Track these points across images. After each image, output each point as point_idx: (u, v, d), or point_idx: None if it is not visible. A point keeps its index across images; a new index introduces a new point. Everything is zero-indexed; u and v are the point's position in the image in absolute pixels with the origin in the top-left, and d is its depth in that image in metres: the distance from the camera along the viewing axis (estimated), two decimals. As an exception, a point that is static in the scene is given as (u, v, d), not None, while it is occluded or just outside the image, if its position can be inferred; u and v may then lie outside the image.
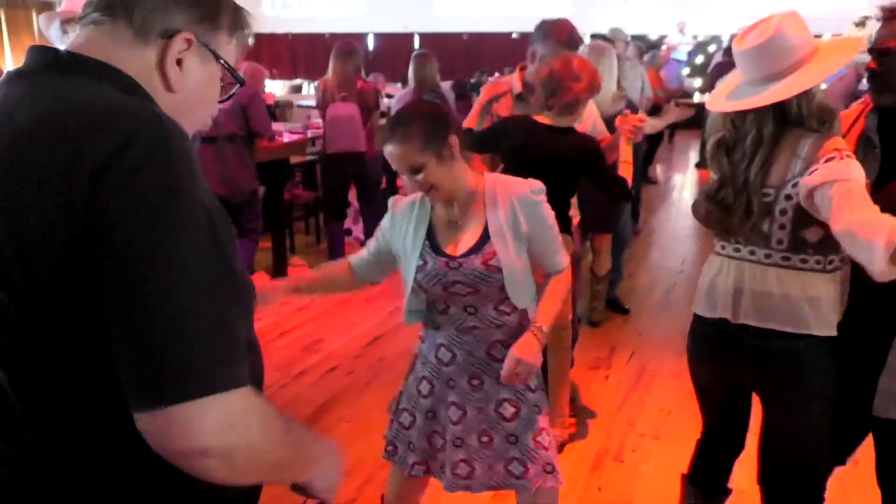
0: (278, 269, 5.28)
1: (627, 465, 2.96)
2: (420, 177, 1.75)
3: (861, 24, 9.46)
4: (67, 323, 0.84)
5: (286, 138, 5.46)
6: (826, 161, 1.61)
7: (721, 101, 1.78)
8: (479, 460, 1.90)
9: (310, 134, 5.84)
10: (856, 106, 1.94)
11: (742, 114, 1.73)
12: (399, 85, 9.55)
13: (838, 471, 2.10)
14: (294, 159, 5.79)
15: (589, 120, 2.97)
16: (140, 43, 0.95)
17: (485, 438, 1.90)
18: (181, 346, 0.80)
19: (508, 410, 1.88)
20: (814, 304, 1.71)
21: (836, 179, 1.56)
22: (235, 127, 4.35)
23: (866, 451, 2.06)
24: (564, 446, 3.02)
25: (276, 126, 5.30)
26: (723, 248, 1.88)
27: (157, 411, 0.80)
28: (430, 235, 1.87)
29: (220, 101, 1.08)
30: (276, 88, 12.50)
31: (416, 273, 1.85)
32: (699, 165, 9.59)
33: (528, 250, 1.87)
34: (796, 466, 1.91)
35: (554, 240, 1.90)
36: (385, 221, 1.96)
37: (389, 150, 1.75)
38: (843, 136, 1.81)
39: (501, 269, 1.79)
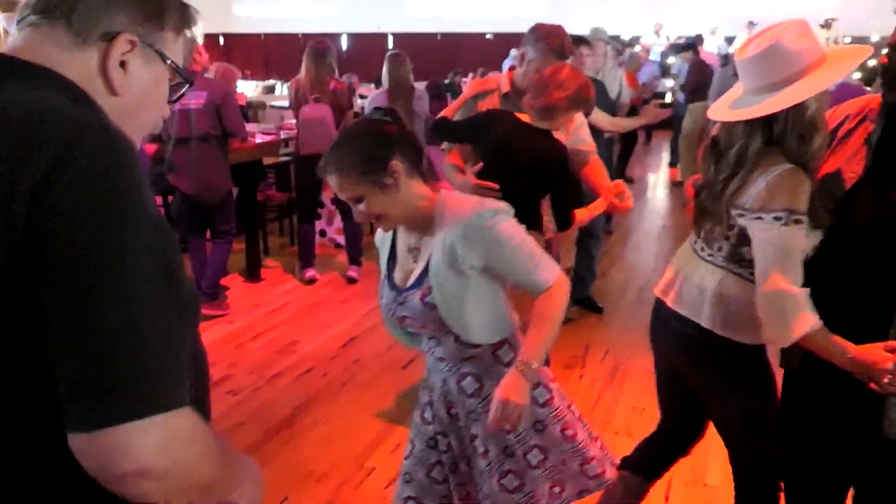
0: (252, 272, 5.24)
1: (602, 463, 2.97)
2: (362, 206, 1.64)
3: (826, 25, 9.63)
4: (3, 341, 0.81)
5: (259, 139, 5.42)
6: (774, 218, 1.62)
7: (723, 110, 1.77)
8: (471, 484, 1.85)
9: (283, 135, 5.80)
10: (861, 100, 1.84)
11: (736, 124, 1.73)
12: (373, 85, 9.54)
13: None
14: (267, 160, 5.75)
15: (572, 125, 2.99)
16: (80, 46, 0.92)
17: (470, 465, 1.83)
18: (125, 362, 0.78)
19: (479, 448, 1.77)
20: (724, 304, 1.78)
21: (775, 244, 1.62)
22: (209, 126, 4.32)
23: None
24: None
25: (248, 127, 5.26)
26: (690, 235, 1.98)
27: (98, 432, 0.77)
28: (391, 265, 1.79)
29: (170, 102, 1.05)
30: (248, 89, 12.41)
31: (381, 306, 1.81)
32: (672, 165, 9.68)
33: (498, 279, 1.71)
34: (739, 462, 2.01)
35: (524, 260, 1.67)
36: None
37: (329, 180, 1.65)
38: (844, 138, 1.79)
39: (437, 307, 1.66)
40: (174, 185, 4.44)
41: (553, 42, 2.87)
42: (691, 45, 9.46)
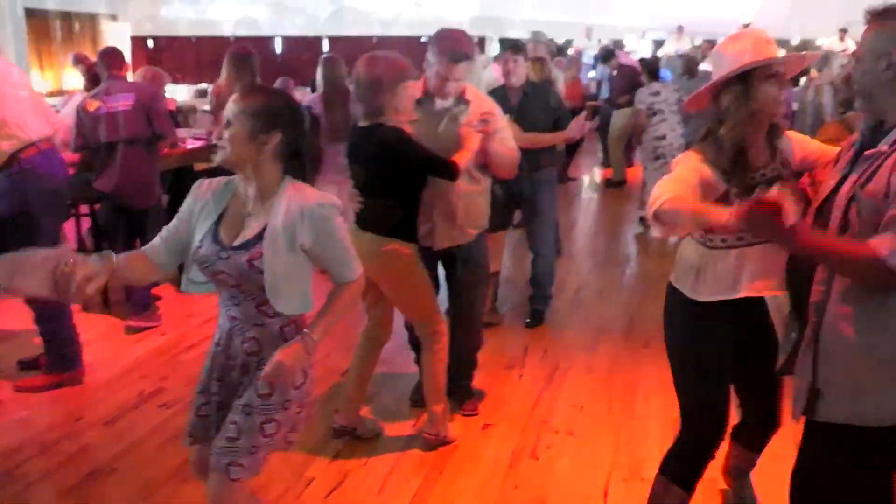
0: (185, 280, 5.10)
1: (542, 463, 3.00)
2: (227, 132, 1.84)
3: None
4: None
5: (190, 145, 5.28)
6: None
7: None
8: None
9: (214, 140, 5.66)
10: None
11: None
12: (308, 89, 9.42)
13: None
14: (199, 166, 5.60)
15: (490, 126, 3.02)
16: None
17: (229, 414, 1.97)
18: None
19: (240, 399, 1.94)
20: (678, 262, 2.21)
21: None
22: (138, 129, 4.21)
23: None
24: (439, 445, 3.07)
25: (179, 132, 5.12)
26: None
27: None
28: (218, 222, 1.93)
29: None
30: (180, 93, 12.10)
31: (194, 254, 1.93)
32: (605, 165, 9.87)
33: (314, 261, 1.91)
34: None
35: (341, 252, 1.92)
36: (185, 204, 1.99)
37: (237, 92, 1.89)
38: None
39: (263, 272, 1.83)
40: (101, 192, 4.30)
41: (445, 45, 2.94)
42: (611, 52, 9.66)
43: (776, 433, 2.38)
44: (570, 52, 11.51)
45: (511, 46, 4.28)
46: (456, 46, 2.94)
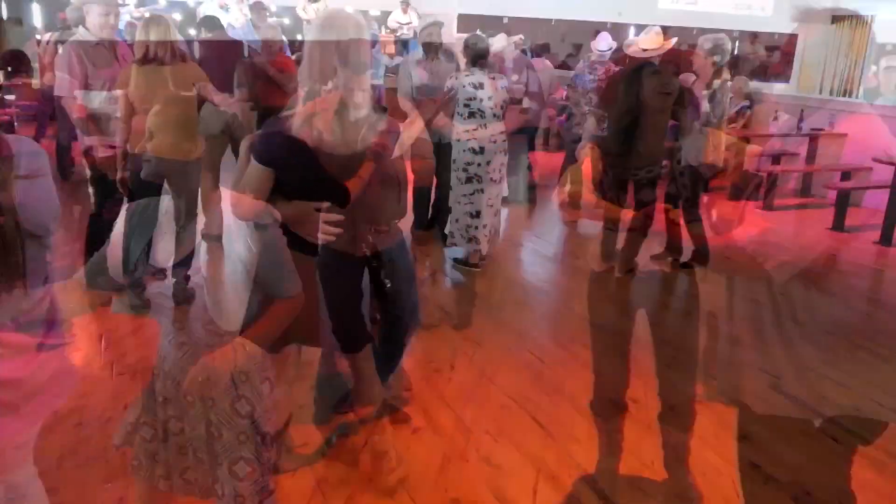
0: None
1: (472, 464, 3.02)
2: (149, 144, 1.93)
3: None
4: None
5: (102, 153, 5.08)
6: None
7: None
8: (196, 469, 1.95)
9: (127, 148, 5.47)
10: None
11: None
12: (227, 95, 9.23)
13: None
14: (115, 175, 5.39)
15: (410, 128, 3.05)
16: None
17: (199, 454, 1.92)
18: None
19: (214, 433, 1.89)
20: None
21: None
22: (41, 137, 4.03)
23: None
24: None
25: (88, 140, 4.93)
26: None
27: None
28: (150, 243, 1.88)
29: None
30: (97, 99, 11.64)
31: (129, 277, 1.88)
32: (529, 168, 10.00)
33: (250, 277, 1.85)
34: None
35: (278, 267, 1.88)
36: (115, 228, 1.95)
37: None
38: None
39: (203, 287, 1.79)
40: (5, 205, 4.10)
41: (345, 57, 2.95)
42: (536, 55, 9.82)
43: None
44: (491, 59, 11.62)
45: (433, 49, 4.34)
46: (347, 57, 2.95)
